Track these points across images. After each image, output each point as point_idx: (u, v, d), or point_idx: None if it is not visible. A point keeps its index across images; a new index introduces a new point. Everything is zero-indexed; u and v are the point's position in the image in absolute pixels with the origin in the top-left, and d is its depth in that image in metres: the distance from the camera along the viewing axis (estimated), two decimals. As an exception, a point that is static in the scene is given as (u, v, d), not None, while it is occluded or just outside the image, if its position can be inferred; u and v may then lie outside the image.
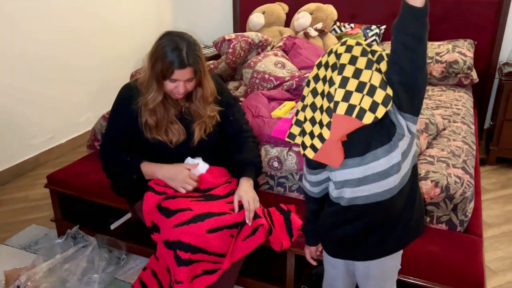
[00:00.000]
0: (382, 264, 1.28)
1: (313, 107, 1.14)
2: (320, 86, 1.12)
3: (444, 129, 2.22)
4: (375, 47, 1.10)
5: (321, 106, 1.12)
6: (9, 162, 2.89)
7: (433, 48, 3.02)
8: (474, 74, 2.94)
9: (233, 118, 1.84)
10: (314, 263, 1.50)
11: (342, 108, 1.04)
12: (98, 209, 2.25)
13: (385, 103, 1.04)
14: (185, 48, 1.57)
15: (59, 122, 3.20)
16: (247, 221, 1.61)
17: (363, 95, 1.04)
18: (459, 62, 2.87)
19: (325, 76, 1.11)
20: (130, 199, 1.85)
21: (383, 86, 1.05)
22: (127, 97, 1.72)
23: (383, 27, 3.37)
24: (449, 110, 2.52)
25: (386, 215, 1.20)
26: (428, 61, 2.96)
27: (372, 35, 3.36)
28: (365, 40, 3.31)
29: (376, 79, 1.05)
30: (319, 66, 1.13)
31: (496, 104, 3.12)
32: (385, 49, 1.16)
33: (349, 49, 1.07)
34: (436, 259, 1.55)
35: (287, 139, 1.22)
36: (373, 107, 1.04)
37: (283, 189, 1.96)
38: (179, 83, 1.61)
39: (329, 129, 1.09)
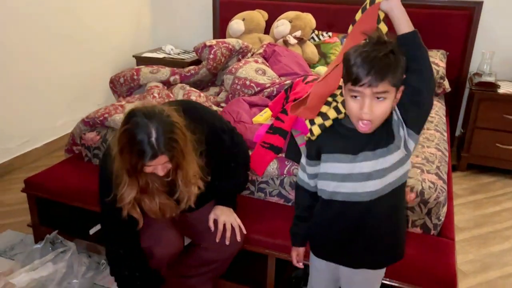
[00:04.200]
0: (367, 272, 1.33)
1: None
2: None
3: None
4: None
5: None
6: (-17, 166, 2.83)
7: (408, 57, 3.12)
8: (446, 84, 3.05)
9: (226, 152, 1.67)
10: (301, 266, 1.50)
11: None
12: (76, 214, 2.22)
13: None
14: (155, 132, 1.26)
15: (35, 125, 3.15)
16: (216, 239, 1.62)
17: None
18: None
19: None
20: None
21: None
22: (109, 182, 1.43)
23: (360, 36, 3.46)
24: (423, 118, 2.60)
25: (365, 221, 1.24)
26: (403, 70, 3.05)
27: (349, 44, 3.44)
28: (342, 49, 3.39)
29: None
30: None
31: (467, 113, 3.24)
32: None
33: None
34: (411, 262, 1.61)
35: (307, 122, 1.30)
36: None
37: (264, 194, 2.00)
38: (156, 167, 1.33)
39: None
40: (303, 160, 1.36)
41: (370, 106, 1.10)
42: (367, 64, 1.07)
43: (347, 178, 1.21)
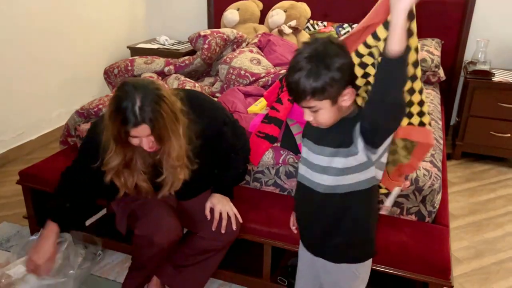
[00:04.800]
0: (327, 264, 1.32)
1: None
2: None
3: (413, 125, 2.30)
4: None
5: None
6: (-22, 159, 2.82)
7: (403, 46, 3.12)
8: (441, 72, 3.06)
9: (226, 144, 1.66)
10: (295, 231, 1.51)
11: None
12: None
13: None
14: (139, 101, 1.27)
15: (29, 117, 3.13)
16: (213, 228, 1.64)
17: None
18: (427, 60, 2.98)
19: None
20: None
21: None
22: (94, 145, 1.47)
23: (355, 25, 3.45)
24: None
25: (319, 212, 1.27)
26: (398, 59, 3.05)
27: (344, 33, 3.43)
28: (337, 38, 3.39)
29: None
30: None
31: (461, 101, 3.25)
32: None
33: None
34: (405, 248, 1.62)
35: None
36: None
37: (259, 183, 2.00)
38: (141, 139, 1.34)
39: None
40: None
41: (308, 115, 1.16)
42: (287, 87, 1.13)
43: (309, 165, 1.25)
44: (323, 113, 1.13)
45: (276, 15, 3.39)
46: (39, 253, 1.56)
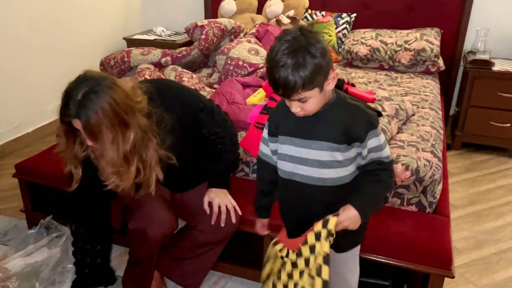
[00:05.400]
0: (338, 261, 1.33)
1: None
2: None
3: (413, 115, 2.28)
4: None
5: None
6: (-27, 152, 2.79)
7: (402, 36, 3.09)
8: (440, 62, 3.03)
9: (206, 130, 1.62)
10: (266, 233, 1.53)
11: None
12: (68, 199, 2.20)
13: None
14: (80, 95, 1.21)
15: (25, 110, 3.10)
16: (212, 222, 1.62)
17: None
18: (427, 50, 2.95)
19: None
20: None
21: None
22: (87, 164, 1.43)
23: (354, 15, 3.42)
24: (418, 97, 2.59)
25: (312, 205, 1.28)
26: (397, 49, 3.03)
27: (343, 23, 3.40)
28: (336, 28, 3.36)
29: None
30: None
31: (461, 91, 3.23)
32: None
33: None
34: (406, 239, 1.61)
35: None
36: None
37: (258, 175, 1.98)
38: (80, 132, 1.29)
39: None
40: (265, 134, 1.35)
41: (295, 107, 1.15)
42: (273, 86, 1.11)
43: (300, 161, 1.24)
44: (312, 102, 1.14)
45: (274, 5, 3.35)
46: None
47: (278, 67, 1.07)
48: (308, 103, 1.13)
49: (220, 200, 1.64)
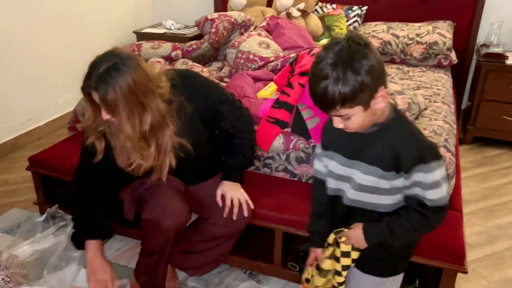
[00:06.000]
0: (356, 271, 1.30)
1: None
2: None
3: (426, 109, 2.26)
4: None
5: None
6: (-14, 145, 2.82)
7: (414, 29, 3.06)
8: (453, 55, 3.00)
9: (225, 123, 1.62)
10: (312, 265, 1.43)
11: None
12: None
13: None
14: (103, 69, 1.26)
15: (37, 103, 3.12)
16: (224, 215, 1.62)
17: None
18: (439, 43, 2.92)
19: None
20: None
21: None
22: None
23: (365, 8, 3.39)
24: (430, 91, 2.57)
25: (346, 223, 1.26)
26: (409, 42, 3.00)
27: (354, 16, 3.37)
28: (347, 21, 3.33)
29: None
30: None
31: (473, 85, 3.19)
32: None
33: None
34: (419, 234, 1.60)
35: None
36: None
37: (270, 169, 1.98)
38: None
39: None
40: (318, 149, 1.31)
41: (338, 122, 1.09)
42: (312, 96, 1.05)
43: (346, 180, 1.20)
44: (355, 120, 1.06)
45: (284, -2, 3.33)
46: (99, 274, 1.59)
47: (319, 79, 1.01)
48: (351, 120, 1.06)
49: (232, 193, 1.64)
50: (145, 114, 1.33)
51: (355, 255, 1.24)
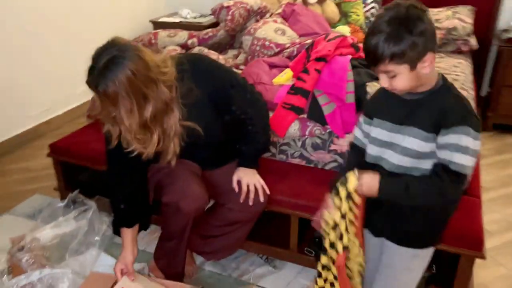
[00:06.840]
0: (388, 247, 1.29)
1: None
2: None
3: (444, 95, 2.23)
4: None
5: None
6: (8, 133, 2.88)
7: (433, 14, 2.99)
8: (473, 41, 2.93)
9: (238, 110, 1.60)
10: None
11: None
12: (99, 178, 2.25)
13: None
14: (102, 64, 1.25)
15: (56, 93, 3.17)
16: (241, 200, 1.64)
17: None
18: (458, 28, 2.86)
19: None
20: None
21: None
22: None
23: (381, -5, 3.33)
24: (449, 77, 2.46)
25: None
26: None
27: (371, 2, 3.31)
28: (364, 7, 3.28)
29: None
30: None
31: (494, 71, 3.12)
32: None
33: None
34: (437, 220, 1.59)
35: None
36: None
37: (285, 156, 1.98)
38: None
39: None
40: (361, 117, 1.33)
41: (384, 80, 1.12)
42: (364, 50, 1.10)
43: (389, 146, 1.19)
44: (400, 78, 1.09)
45: (300, -15, 3.29)
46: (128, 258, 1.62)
47: (373, 33, 1.06)
48: (396, 79, 1.09)
49: (248, 179, 1.65)
50: (147, 104, 1.31)
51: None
